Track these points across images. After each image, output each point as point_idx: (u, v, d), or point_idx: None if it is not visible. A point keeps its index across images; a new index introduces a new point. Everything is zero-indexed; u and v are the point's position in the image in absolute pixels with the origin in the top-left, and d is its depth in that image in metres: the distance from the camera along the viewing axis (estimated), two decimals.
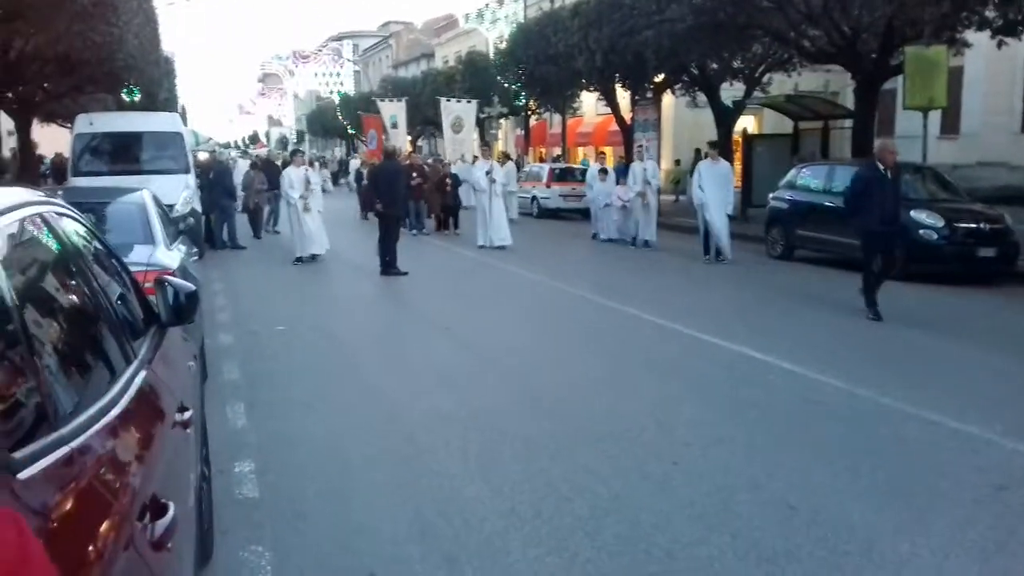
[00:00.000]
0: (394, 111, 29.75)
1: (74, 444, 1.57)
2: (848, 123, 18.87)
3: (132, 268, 3.51)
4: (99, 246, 2.76)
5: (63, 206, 2.42)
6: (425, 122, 37.30)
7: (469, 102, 27.25)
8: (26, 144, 23.02)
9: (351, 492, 4.50)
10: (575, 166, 27.61)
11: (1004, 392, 6.44)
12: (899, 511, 4.20)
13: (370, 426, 5.62)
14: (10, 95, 19.80)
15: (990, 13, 13.69)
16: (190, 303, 3.03)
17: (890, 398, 6.08)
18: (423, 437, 5.38)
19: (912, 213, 11.74)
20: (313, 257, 14.31)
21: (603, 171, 18.40)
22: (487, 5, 39.24)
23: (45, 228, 2.12)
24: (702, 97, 22.83)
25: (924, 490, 4.50)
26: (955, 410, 5.76)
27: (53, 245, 2.15)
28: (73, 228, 2.42)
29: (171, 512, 1.84)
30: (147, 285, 3.92)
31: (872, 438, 5.34)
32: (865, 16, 14.48)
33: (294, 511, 4.26)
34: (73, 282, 2.19)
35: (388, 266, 12.78)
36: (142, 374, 2.35)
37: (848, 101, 20.83)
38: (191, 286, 3.13)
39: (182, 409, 2.67)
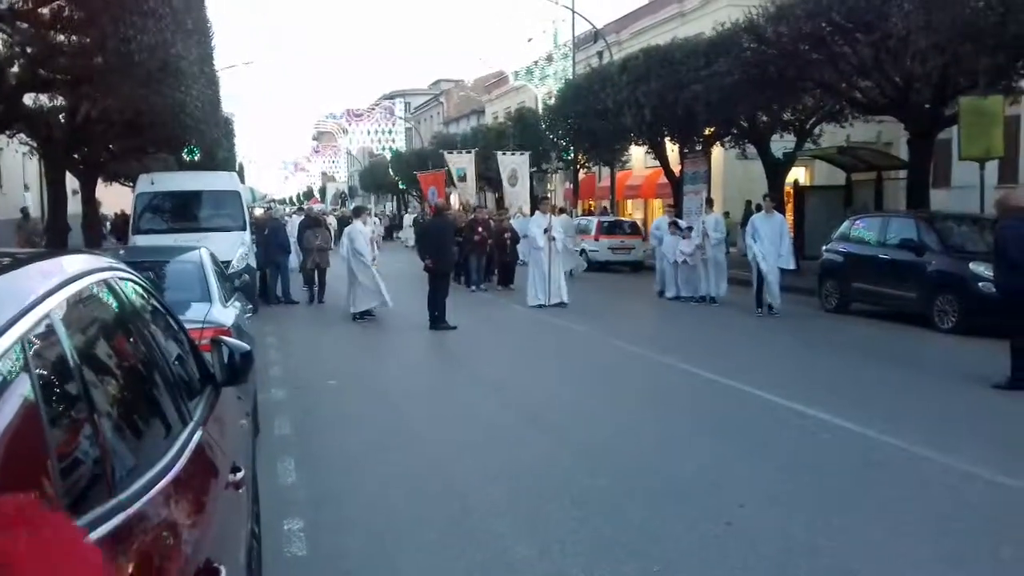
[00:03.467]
0: (463, 164, 30.15)
1: (131, 511, 1.60)
2: (903, 174, 18.63)
3: (189, 326, 3.59)
4: (159, 308, 2.83)
5: (125, 271, 2.50)
6: (475, 177, 37.81)
7: (522, 154, 27.49)
8: (90, 203, 23.78)
9: (399, 551, 4.48)
10: (624, 219, 27.63)
11: None
12: None
13: (418, 483, 5.60)
14: (76, 156, 20.54)
15: None
16: (245, 364, 3.09)
17: (953, 458, 5.88)
18: (472, 494, 5.35)
19: (971, 265, 11.50)
20: (363, 315, 13.94)
21: (674, 223, 17.17)
22: (536, 62, 39.80)
23: (109, 293, 2.19)
24: (752, 149, 22.78)
25: (989, 556, 4.32)
26: (1022, 471, 5.55)
27: (116, 310, 2.21)
28: (135, 292, 2.50)
29: None
30: (203, 342, 4.03)
31: (936, 501, 5.16)
32: (918, 67, 14.36)
33: (342, 570, 4.25)
34: (134, 346, 2.25)
35: (437, 320, 12.87)
36: (197, 435, 2.39)
37: (902, 152, 20.56)
38: (246, 346, 3.19)
39: (235, 470, 2.70)
